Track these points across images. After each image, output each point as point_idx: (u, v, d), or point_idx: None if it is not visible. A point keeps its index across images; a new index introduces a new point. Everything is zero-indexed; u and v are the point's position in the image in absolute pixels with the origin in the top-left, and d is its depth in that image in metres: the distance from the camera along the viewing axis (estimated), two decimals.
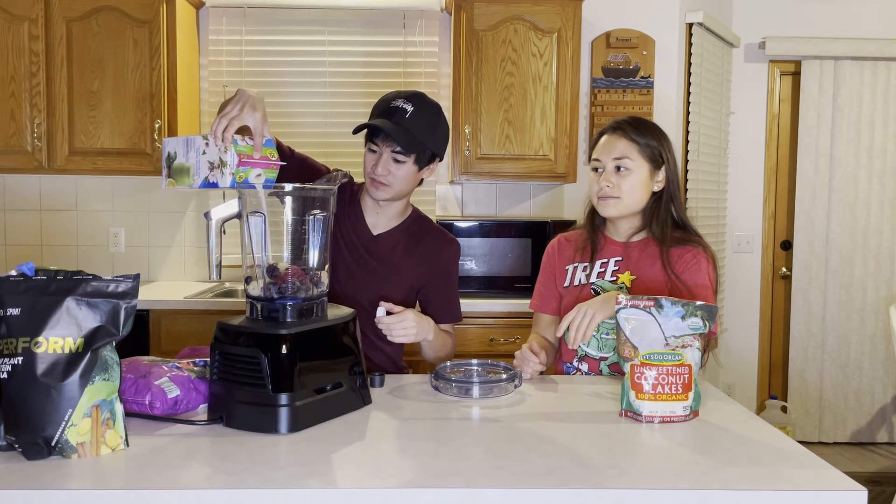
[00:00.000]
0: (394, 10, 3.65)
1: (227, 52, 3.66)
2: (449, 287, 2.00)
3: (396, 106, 1.80)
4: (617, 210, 1.79)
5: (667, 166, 1.80)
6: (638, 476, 1.14)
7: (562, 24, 3.33)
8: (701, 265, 1.77)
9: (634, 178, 1.77)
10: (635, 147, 1.77)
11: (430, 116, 1.84)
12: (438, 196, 3.74)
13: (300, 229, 1.43)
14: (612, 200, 1.78)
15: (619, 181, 1.77)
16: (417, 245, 1.96)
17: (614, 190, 1.77)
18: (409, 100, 1.81)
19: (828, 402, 4.10)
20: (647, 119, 1.87)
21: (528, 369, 1.70)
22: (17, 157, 3.29)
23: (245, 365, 1.33)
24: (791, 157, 4.14)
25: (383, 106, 1.83)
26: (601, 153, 1.80)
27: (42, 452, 1.16)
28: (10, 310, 1.18)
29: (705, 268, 1.77)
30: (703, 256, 1.78)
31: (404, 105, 1.80)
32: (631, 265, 1.80)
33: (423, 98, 1.84)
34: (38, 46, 3.25)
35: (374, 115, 1.86)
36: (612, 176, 1.77)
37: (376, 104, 1.88)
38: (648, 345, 1.41)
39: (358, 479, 1.11)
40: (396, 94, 1.84)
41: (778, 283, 4.22)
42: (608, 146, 1.80)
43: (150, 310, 3.07)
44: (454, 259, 2.02)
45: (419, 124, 1.80)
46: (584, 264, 1.86)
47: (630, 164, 1.77)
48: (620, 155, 1.77)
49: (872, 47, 3.94)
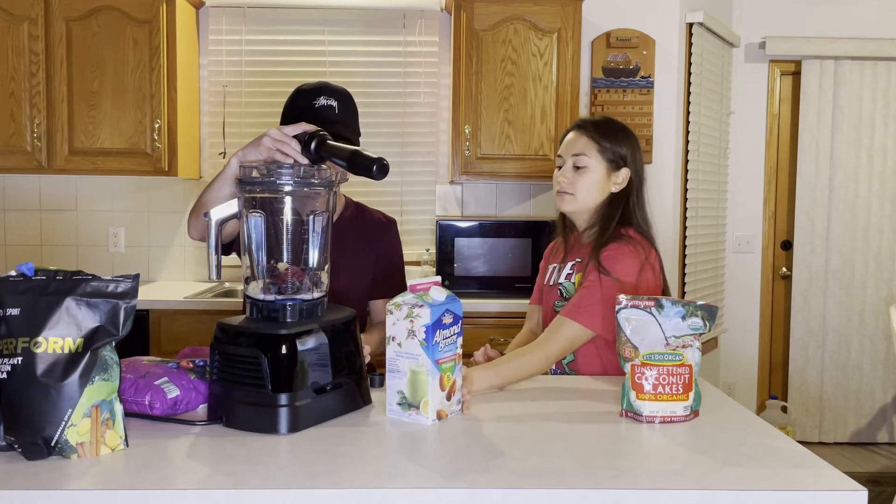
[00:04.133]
0: (394, 10, 3.65)
1: (227, 52, 3.66)
2: (395, 265, 2.08)
3: (324, 105, 1.81)
4: (571, 206, 1.81)
5: (631, 168, 1.80)
6: (638, 476, 1.14)
7: (562, 24, 3.33)
8: (622, 259, 1.70)
9: (590, 177, 1.78)
10: (595, 146, 1.78)
11: (351, 105, 1.89)
12: (438, 196, 3.74)
13: (300, 229, 1.43)
14: (568, 197, 1.79)
15: (574, 178, 1.78)
16: (361, 235, 2.02)
17: (569, 186, 1.79)
18: (330, 96, 1.82)
19: (828, 402, 4.10)
20: (617, 121, 1.87)
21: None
22: (17, 157, 3.29)
23: (245, 365, 1.33)
24: (791, 157, 4.14)
25: (310, 110, 1.81)
26: (563, 149, 1.83)
27: (42, 452, 1.16)
28: (10, 310, 1.18)
29: (618, 255, 1.70)
30: (625, 248, 1.72)
31: (329, 102, 1.81)
32: (582, 266, 1.80)
33: (336, 88, 1.87)
34: (38, 46, 3.25)
35: (295, 116, 1.79)
36: (570, 172, 1.79)
37: (295, 104, 1.85)
38: (649, 345, 1.40)
39: (358, 479, 1.11)
40: (317, 92, 1.83)
41: (778, 283, 4.22)
42: (570, 143, 1.82)
43: (150, 310, 3.07)
44: (396, 238, 2.11)
45: (348, 116, 1.85)
46: (558, 265, 1.89)
47: (587, 161, 1.77)
48: (578, 152, 1.78)
49: (872, 47, 3.94)
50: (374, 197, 3.68)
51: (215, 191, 1.63)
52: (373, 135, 3.69)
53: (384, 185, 3.71)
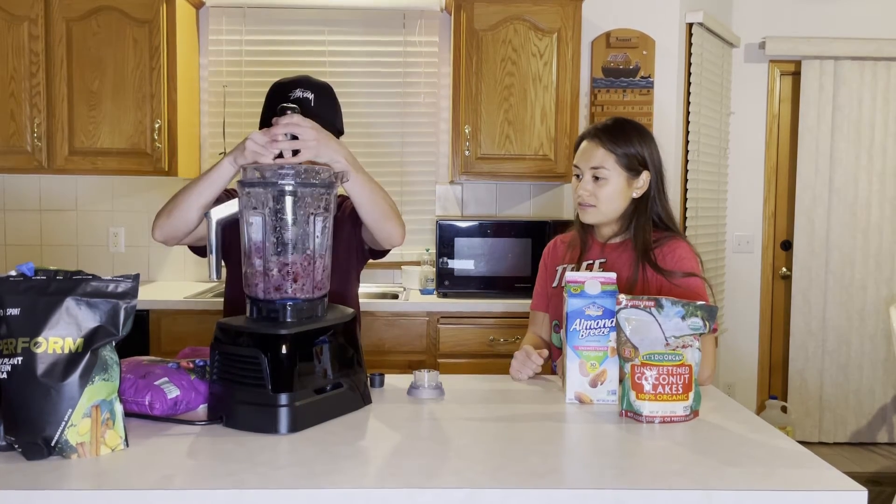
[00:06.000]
0: (394, 10, 3.65)
1: (227, 52, 3.66)
2: None
3: (299, 97, 1.79)
4: (595, 218, 1.81)
5: (650, 168, 1.80)
6: (638, 476, 1.14)
7: (562, 24, 3.33)
8: (684, 255, 1.75)
9: (611, 188, 1.77)
10: (612, 157, 1.77)
11: (329, 99, 1.85)
12: (438, 196, 3.74)
13: (300, 229, 1.43)
14: (591, 209, 1.79)
15: (596, 189, 1.78)
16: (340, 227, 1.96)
17: (591, 198, 1.78)
18: (307, 88, 1.80)
19: (828, 402, 4.10)
20: (629, 121, 1.86)
21: (527, 371, 1.72)
22: (17, 157, 3.29)
23: (245, 365, 1.33)
24: (791, 157, 4.14)
25: (283, 101, 1.77)
26: (580, 160, 1.82)
27: (42, 452, 1.16)
28: (10, 310, 1.18)
29: (689, 256, 1.76)
30: (681, 243, 1.78)
31: (305, 94, 1.79)
32: (610, 266, 1.81)
33: (314, 82, 1.85)
34: (38, 46, 3.25)
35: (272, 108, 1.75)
36: (590, 184, 1.79)
37: (272, 97, 1.83)
38: (649, 345, 1.40)
39: (358, 480, 1.11)
40: (294, 84, 1.82)
41: (778, 283, 4.22)
42: (586, 154, 1.81)
43: (150, 310, 3.08)
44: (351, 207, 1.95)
45: (325, 109, 1.82)
46: (571, 265, 1.88)
47: (606, 173, 1.77)
48: (597, 164, 1.77)
49: (872, 47, 3.94)
50: None
51: (195, 194, 1.59)
52: (373, 135, 3.70)
53: (384, 185, 3.69)
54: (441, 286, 3.28)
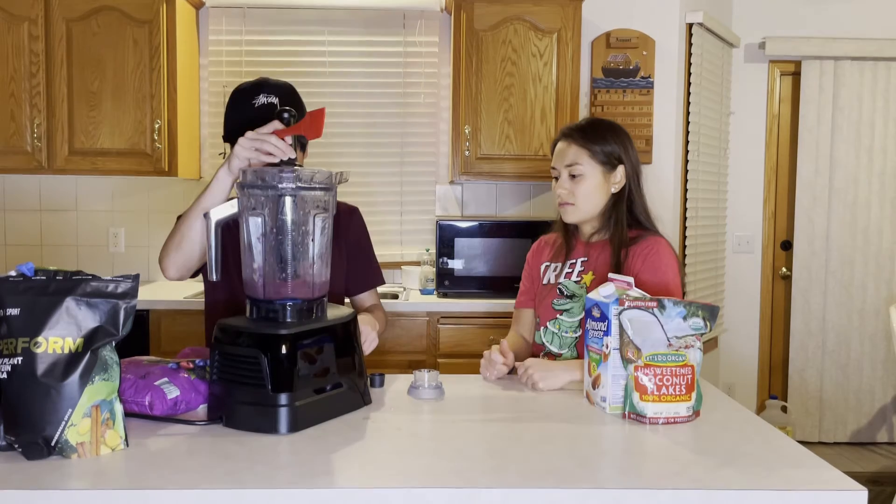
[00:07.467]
0: (394, 10, 3.65)
1: (227, 52, 3.66)
2: (366, 254, 2.01)
3: (263, 104, 1.73)
4: (575, 216, 1.82)
5: (626, 163, 1.81)
6: (638, 476, 1.14)
7: (562, 24, 3.33)
8: (661, 255, 1.75)
9: (588, 184, 1.78)
10: (585, 152, 1.79)
11: (293, 100, 1.80)
12: (438, 196, 3.74)
13: (300, 230, 1.43)
14: (570, 207, 1.81)
15: (573, 187, 1.79)
16: None
17: (569, 196, 1.80)
18: (270, 92, 1.75)
19: (828, 402, 4.10)
20: (602, 119, 1.89)
21: (493, 372, 1.73)
22: (17, 157, 3.29)
23: (245, 365, 1.33)
24: (791, 158, 4.14)
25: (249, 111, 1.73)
26: (556, 161, 1.84)
27: (42, 452, 1.16)
28: (10, 310, 1.18)
29: (666, 253, 1.75)
30: (659, 240, 1.78)
31: (270, 100, 1.74)
32: (592, 265, 1.82)
33: (275, 83, 1.80)
34: (38, 46, 3.25)
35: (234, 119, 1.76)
36: (567, 183, 1.80)
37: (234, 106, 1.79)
38: (651, 345, 1.40)
39: (358, 479, 1.11)
40: (256, 90, 1.76)
41: (778, 283, 4.22)
42: (561, 154, 1.82)
43: (150, 310, 3.08)
44: (362, 225, 2.01)
45: None
46: (556, 264, 1.89)
47: (581, 169, 1.78)
48: (571, 161, 1.79)
49: (872, 47, 3.94)
50: (374, 197, 3.68)
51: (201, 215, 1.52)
52: (373, 135, 3.70)
53: (384, 185, 3.71)
54: (441, 286, 3.28)
